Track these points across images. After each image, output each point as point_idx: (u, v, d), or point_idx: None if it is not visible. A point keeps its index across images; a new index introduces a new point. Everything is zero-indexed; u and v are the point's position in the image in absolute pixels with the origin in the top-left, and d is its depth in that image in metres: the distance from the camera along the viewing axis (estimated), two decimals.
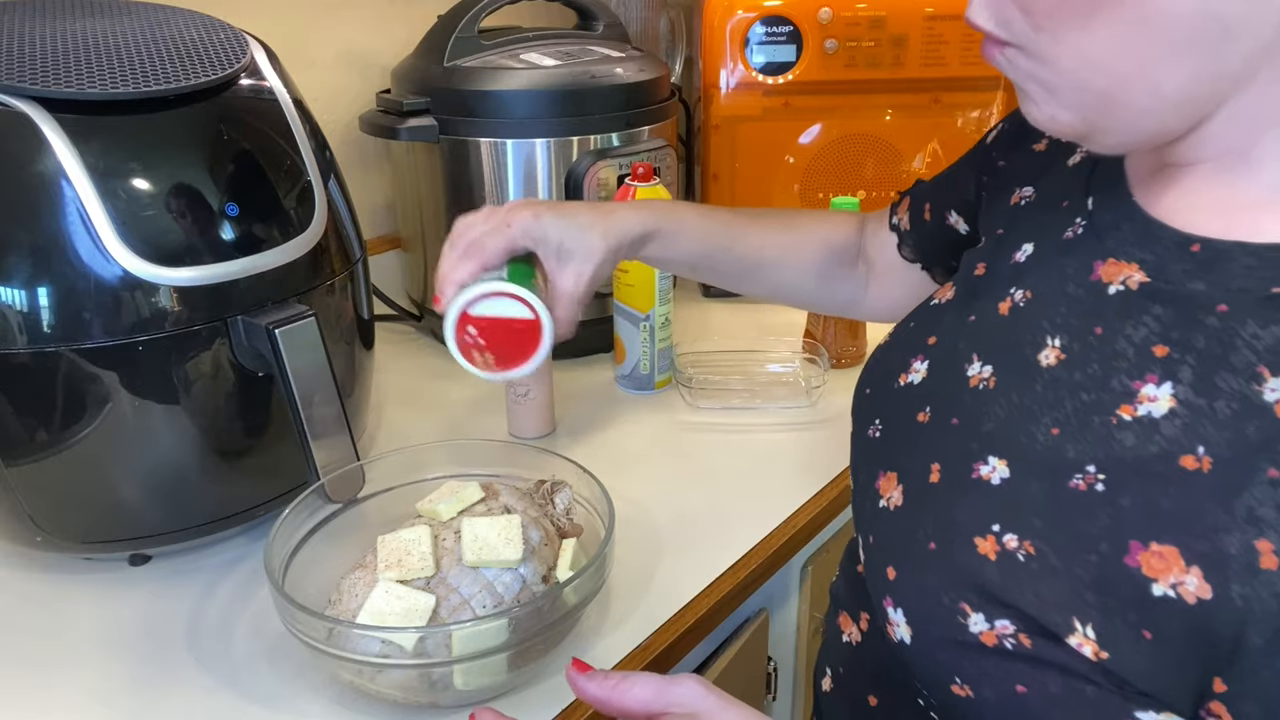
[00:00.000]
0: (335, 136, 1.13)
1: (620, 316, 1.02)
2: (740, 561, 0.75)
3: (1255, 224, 0.39)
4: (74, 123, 0.62)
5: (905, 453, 0.49)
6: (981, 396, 0.46)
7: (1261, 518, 0.35)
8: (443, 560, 0.62)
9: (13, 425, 0.66)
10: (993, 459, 0.43)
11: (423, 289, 1.14)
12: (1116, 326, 0.42)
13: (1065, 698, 0.39)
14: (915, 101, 1.17)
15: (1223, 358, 0.38)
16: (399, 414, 0.99)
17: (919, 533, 0.45)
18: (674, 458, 0.91)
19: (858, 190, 1.21)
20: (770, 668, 0.91)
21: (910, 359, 0.53)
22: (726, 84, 1.17)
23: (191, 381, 0.68)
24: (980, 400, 0.46)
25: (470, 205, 1.04)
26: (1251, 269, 0.39)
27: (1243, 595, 0.34)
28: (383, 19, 1.20)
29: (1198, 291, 0.40)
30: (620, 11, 1.33)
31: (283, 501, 0.68)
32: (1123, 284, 0.42)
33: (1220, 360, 0.38)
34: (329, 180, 0.75)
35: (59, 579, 0.74)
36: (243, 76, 0.72)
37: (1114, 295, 0.43)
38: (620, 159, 1.01)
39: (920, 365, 0.52)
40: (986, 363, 0.47)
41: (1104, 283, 0.43)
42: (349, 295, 0.78)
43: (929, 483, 0.46)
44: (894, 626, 0.45)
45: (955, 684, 0.42)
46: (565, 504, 0.70)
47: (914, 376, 0.52)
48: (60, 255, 0.62)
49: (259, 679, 0.63)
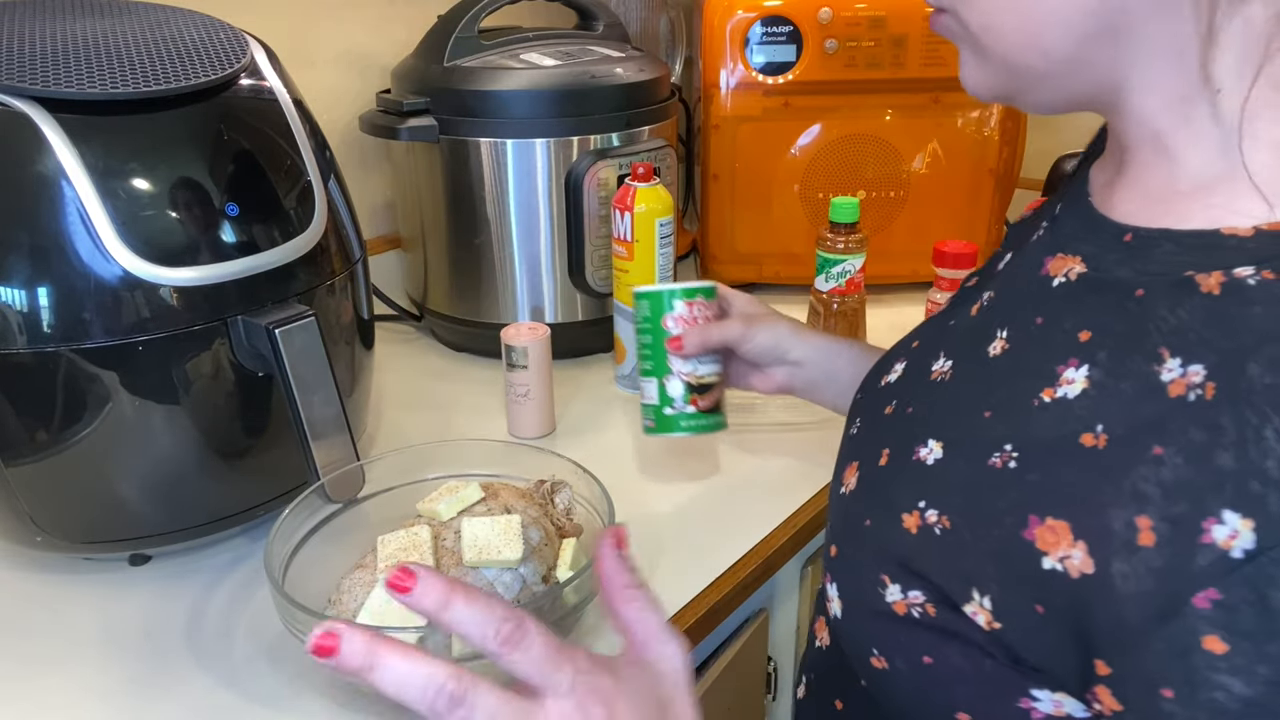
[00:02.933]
0: (335, 136, 1.13)
1: (620, 316, 1.02)
2: (740, 561, 0.75)
3: (1183, 212, 0.40)
4: (74, 123, 0.62)
5: (869, 443, 0.51)
6: (937, 388, 0.48)
7: (1144, 494, 0.35)
8: (443, 560, 0.62)
9: (13, 425, 0.66)
10: (931, 442, 0.45)
11: (423, 289, 1.14)
12: (1056, 316, 0.43)
13: (967, 670, 0.41)
14: (915, 101, 1.17)
15: (1135, 340, 0.38)
16: (399, 414, 0.99)
17: (862, 513, 0.47)
18: (674, 458, 0.91)
19: (858, 190, 1.21)
20: (770, 668, 0.91)
21: (895, 363, 0.55)
22: (726, 84, 1.17)
23: (191, 381, 0.68)
24: (935, 391, 0.48)
25: (470, 205, 1.04)
26: (1170, 254, 0.39)
27: (1121, 573, 0.35)
28: (383, 19, 1.20)
29: (1123, 278, 0.41)
30: (620, 11, 1.33)
31: (283, 501, 0.68)
32: (1065, 276, 0.44)
33: (1133, 343, 0.38)
34: (329, 180, 0.75)
35: (59, 579, 0.74)
36: (243, 76, 0.72)
37: (1057, 287, 0.44)
38: (620, 159, 1.01)
39: (899, 366, 0.54)
40: (949, 358, 0.49)
41: (1050, 276, 0.45)
42: (349, 295, 0.78)
43: (878, 466, 0.48)
44: (830, 603, 0.48)
45: (874, 655, 0.45)
46: (565, 504, 0.70)
47: (892, 376, 0.54)
48: (60, 255, 0.62)
49: (259, 679, 0.63)
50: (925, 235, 1.18)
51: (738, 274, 1.28)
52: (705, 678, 0.78)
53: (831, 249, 1.05)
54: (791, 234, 1.23)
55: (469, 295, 1.09)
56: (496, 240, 1.04)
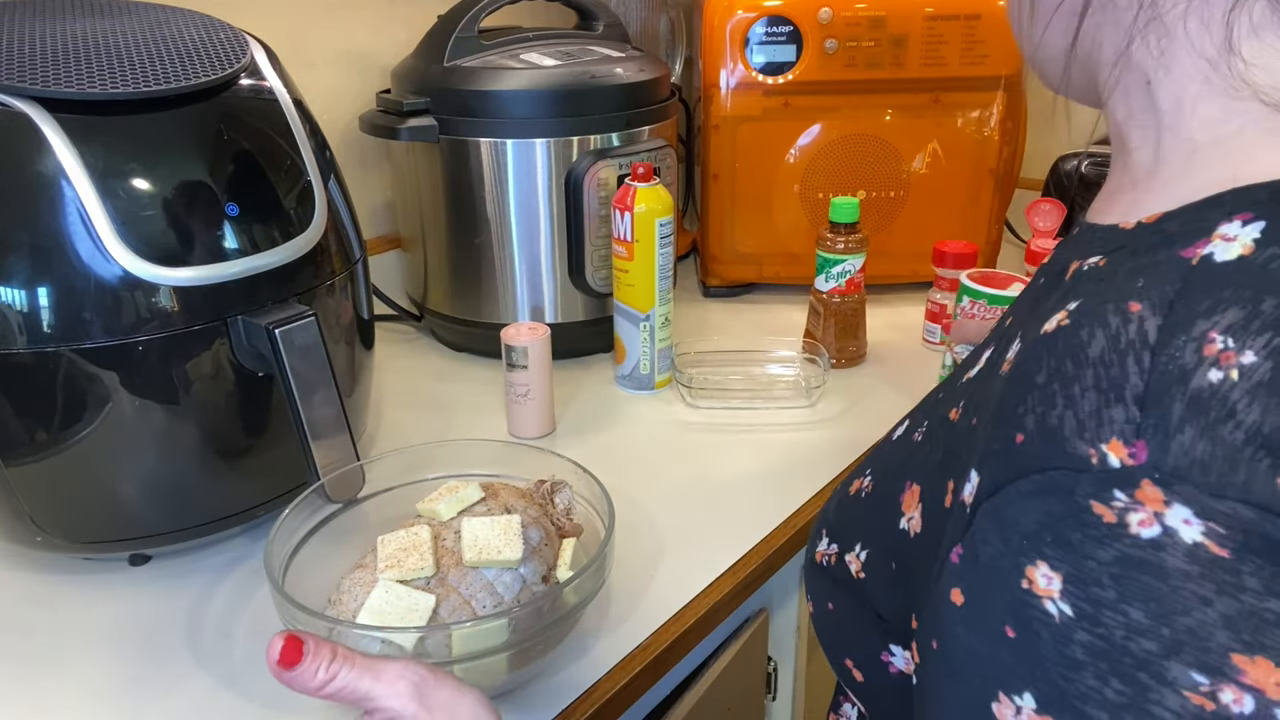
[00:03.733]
0: (335, 136, 1.13)
1: (620, 316, 1.02)
2: (740, 561, 0.75)
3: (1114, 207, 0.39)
4: (74, 123, 0.62)
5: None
6: (929, 395, 0.52)
7: (955, 457, 0.37)
8: (443, 560, 0.62)
9: (13, 425, 0.66)
10: (905, 422, 0.49)
11: (423, 289, 1.14)
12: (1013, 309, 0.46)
13: (850, 618, 0.45)
14: (915, 101, 1.17)
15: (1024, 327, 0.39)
16: (399, 414, 0.99)
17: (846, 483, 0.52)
18: (674, 458, 0.91)
19: (858, 190, 1.21)
20: (770, 668, 0.91)
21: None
22: (726, 84, 1.17)
23: (191, 381, 0.68)
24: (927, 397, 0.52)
25: (470, 205, 1.04)
26: (1079, 246, 0.39)
27: (932, 530, 0.37)
28: (383, 19, 1.20)
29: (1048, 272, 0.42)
30: (620, 11, 1.33)
31: (283, 501, 0.68)
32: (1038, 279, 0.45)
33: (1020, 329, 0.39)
34: (329, 180, 0.75)
35: (59, 579, 0.74)
36: (243, 76, 0.72)
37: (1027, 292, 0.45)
38: (620, 159, 1.01)
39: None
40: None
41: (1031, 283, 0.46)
42: (349, 295, 0.78)
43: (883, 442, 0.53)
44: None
45: (807, 599, 0.51)
46: (565, 504, 0.70)
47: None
48: (60, 255, 0.62)
49: (259, 679, 0.63)
50: (925, 235, 1.18)
51: (738, 274, 1.28)
52: (705, 678, 0.78)
53: (831, 249, 1.05)
54: (791, 234, 1.23)
55: (469, 295, 1.09)
56: (496, 240, 1.04)
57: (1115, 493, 0.29)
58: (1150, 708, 0.28)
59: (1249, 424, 0.27)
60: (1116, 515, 0.29)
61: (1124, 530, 0.28)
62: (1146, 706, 0.28)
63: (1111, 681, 0.28)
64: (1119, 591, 0.28)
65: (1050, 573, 0.30)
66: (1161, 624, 0.28)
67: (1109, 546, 0.29)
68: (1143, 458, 0.28)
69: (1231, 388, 0.28)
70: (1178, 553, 0.28)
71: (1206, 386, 0.28)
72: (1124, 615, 0.28)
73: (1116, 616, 0.28)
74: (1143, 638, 0.28)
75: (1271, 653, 0.27)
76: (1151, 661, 0.28)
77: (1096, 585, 0.29)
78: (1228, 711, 0.27)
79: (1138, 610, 0.28)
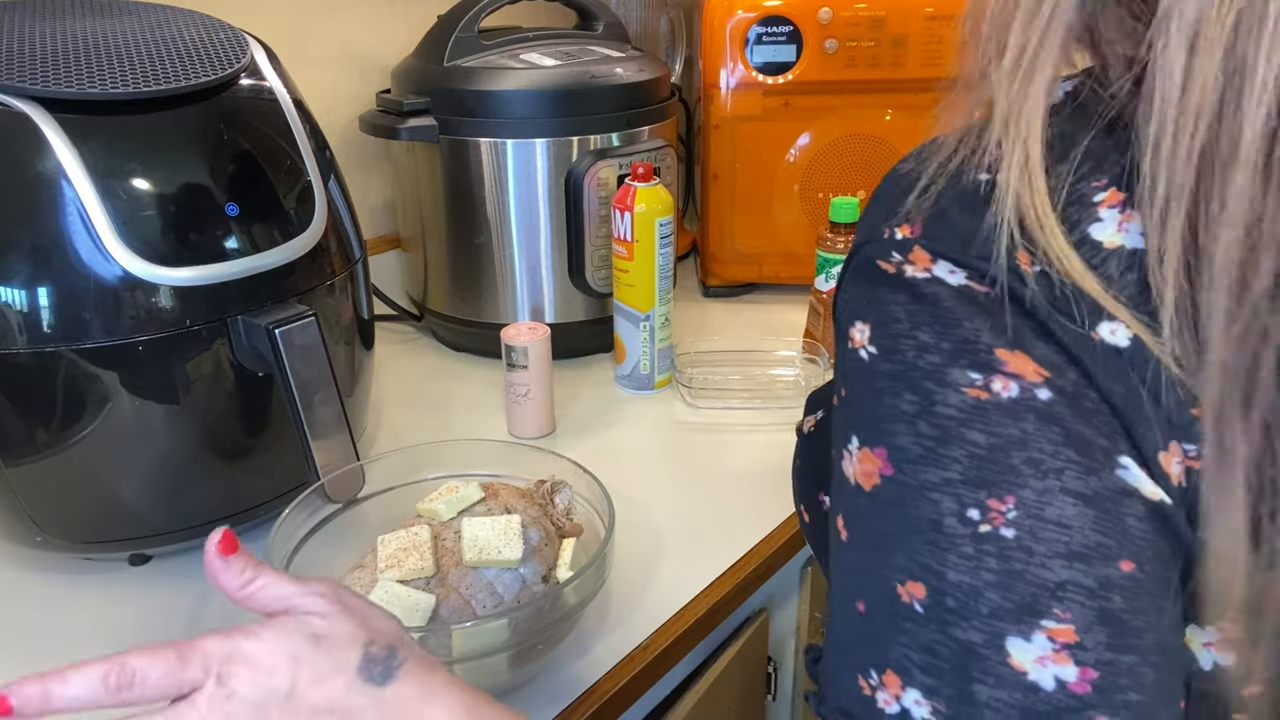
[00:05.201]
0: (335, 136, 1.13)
1: (620, 316, 1.02)
2: (740, 561, 0.75)
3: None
4: (74, 123, 0.62)
5: None
6: None
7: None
8: (443, 560, 0.62)
9: (13, 425, 0.66)
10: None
11: (423, 289, 1.14)
12: None
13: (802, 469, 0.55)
14: (915, 101, 1.17)
15: None
16: (399, 414, 0.99)
17: None
18: (674, 458, 0.91)
19: (858, 190, 1.21)
20: (770, 668, 0.91)
21: None
22: (726, 84, 1.17)
23: (191, 381, 0.68)
24: None
25: (470, 205, 1.04)
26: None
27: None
28: (383, 19, 1.20)
29: None
30: (620, 11, 1.33)
31: (283, 501, 0.68)
32: None
33: None
34: (329, 180, 0.75)
35: (59, 579, 0.74)
36: (243, 76, 0.72)
37: None
38: (620, 159, 1.01)
39: None
40: None
41: None
42: (349, 295, 0.78)
43: None
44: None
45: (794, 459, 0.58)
46: (565, 504, 0.70)
47: None
48: (60, 255, 0.62)
49: None
50: None
51: (738, 274, 1.28)
52: (705, 678, 0.78)
53: (831, 249, 1.05)
54: (791, 234, 1.23)
55: (469, 295, 1.09)
56: (496, 240, 1.05)
57: (893, 254, 0.38)
58: (936, 409, 0.35)
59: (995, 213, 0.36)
60: (895, 268, 0.38)
61: (903, 277, 0.37)
62: (933, 409, 0.36)
63: (905, 395, 0.36)
64: (911, 322, 0.37)
65: (863, 325, 0.39)
66: (943, 339, 0.36)
67: (902, 290, 0.37)
68: (918, 233, 0.38)
69: (992, 187, 0.37)
70: (949, 290, 0.36)
71: (970, 184, 0.38)
72: (914, 339, 0.36)
73: (909, 341, 0.37)
74: (929, 354, 0.36)
75: (1029, 349, 0.35)
76: (936, 371, 0.36)
77: (895, 321, 0.37)
78: (998, 398, 0.35)
79: (925, 332, 0.36)
